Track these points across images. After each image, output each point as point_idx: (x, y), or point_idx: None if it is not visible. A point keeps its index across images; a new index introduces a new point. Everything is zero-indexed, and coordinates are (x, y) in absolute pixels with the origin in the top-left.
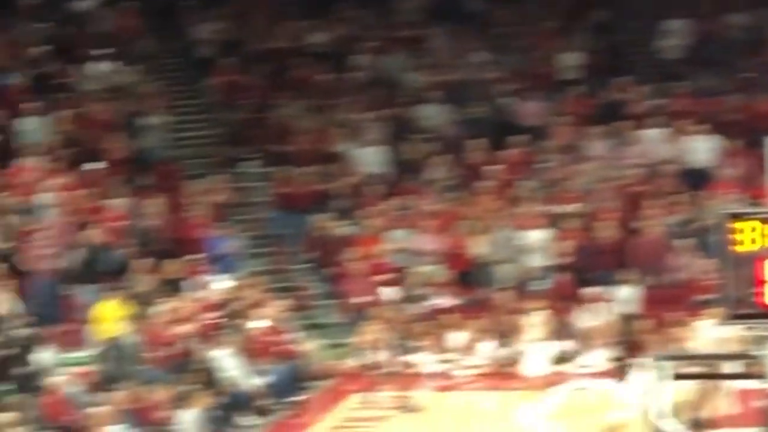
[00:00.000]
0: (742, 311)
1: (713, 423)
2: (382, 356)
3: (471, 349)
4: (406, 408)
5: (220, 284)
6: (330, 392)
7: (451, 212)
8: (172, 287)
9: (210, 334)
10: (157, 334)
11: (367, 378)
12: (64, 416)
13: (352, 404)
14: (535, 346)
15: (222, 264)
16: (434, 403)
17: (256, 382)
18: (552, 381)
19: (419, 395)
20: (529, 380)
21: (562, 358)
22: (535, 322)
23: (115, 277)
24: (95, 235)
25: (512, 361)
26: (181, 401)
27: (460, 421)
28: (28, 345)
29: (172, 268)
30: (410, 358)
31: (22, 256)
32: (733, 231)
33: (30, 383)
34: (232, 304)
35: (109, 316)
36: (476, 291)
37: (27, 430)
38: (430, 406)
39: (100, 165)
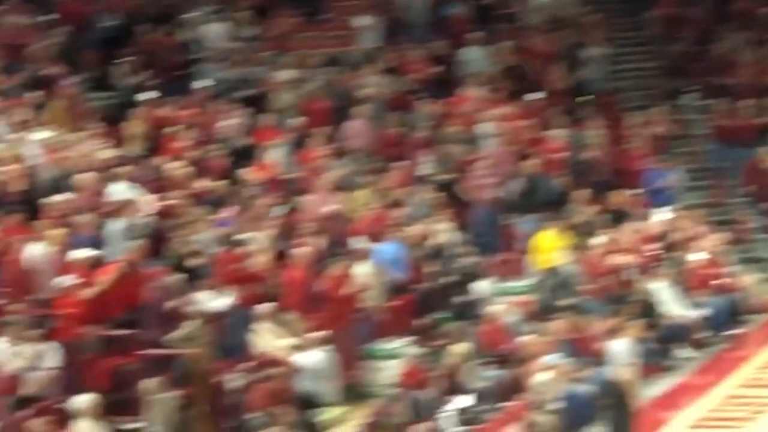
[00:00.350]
0: None
1: None
2: None
3: None
4: None
5: (659, 216)
6: (766, 326)
7: None
8: (610, 218)
9: (648, 266)
10: (596, 264)
11: None
12: (501, 345)
13: None
14: None
15: (660, 196)
16: None
17: (693, 314)
18: None
19: None
20: None
21: None
22: None
23: (553, 208)
24: (534, 165)
25: None
26: (615, 332)
27: None
28: (467, 274)
29: (611, 199)
30: None
31: (463, 185)
32: None
33: (468, 312)
34: (670, 237)
35: (548, 246)
36: None
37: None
38: None
39: (541, 95)
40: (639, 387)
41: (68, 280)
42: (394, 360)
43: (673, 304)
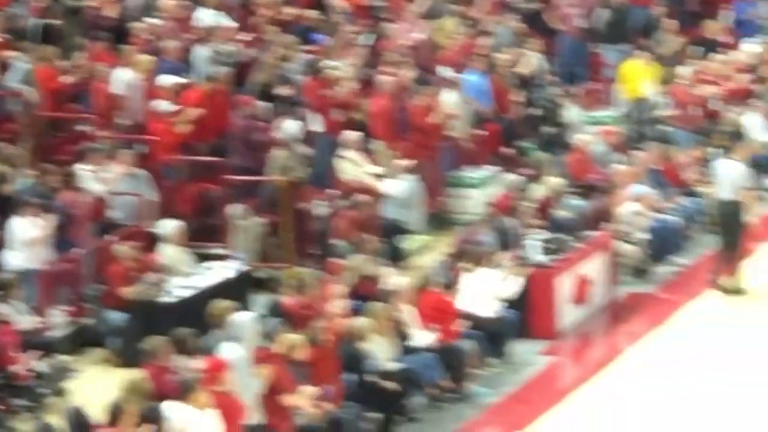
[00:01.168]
0: None
1: None
2: None
3: None
4: None
5: (749, 47)
6: None
7: None
8: (700, 49)
9: (738, 98)
10: (684, 94)
11: None
12: (588, 174)
13: None
14: None
15: (750, 27)
16: None
17: None
18: None
19: None
20: None
21: None
22: None
23: (642, 37)
24: None
25: None
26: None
27: None
28: (554, 103)
29: (700, 29)
30: None
31: (550, 14)
32: None
33: (555, 141)
34: (761, 68)
35: (636, 76)
36: None
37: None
38: None
39: None
40: (750, 207)
41: (156, 105)
42: (479, 189)
43: (763, 134)
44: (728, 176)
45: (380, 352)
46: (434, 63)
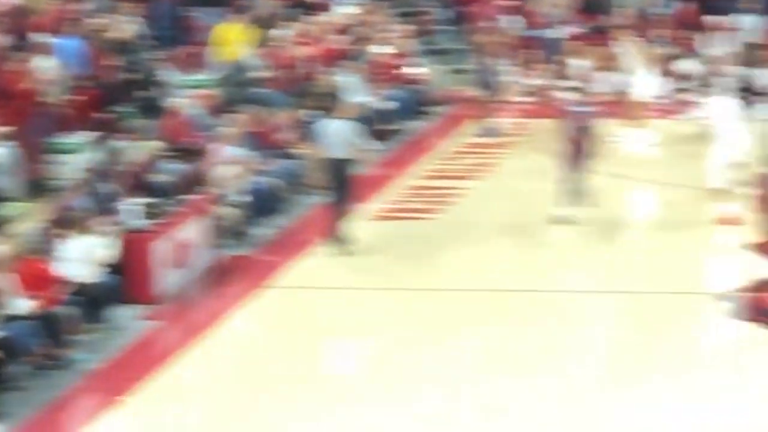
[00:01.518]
0: None
1: None
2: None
3: (592, 77)
4: (526, 135)
5: (344, 9)
6: (450, 118)
7: None
8: (295, 11)
9: (333, 59)
10: (279, 56)
11: (486, 105)
12: (184, 137)
13: (471, 130)
14: (649, 74)
15: None
16: (551, 129)
17: (378, 106)
18: (667, 110)
19: (538, 123)
20: (645, 108)
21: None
22: (650, 51)
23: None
24: None
25: (629, 89)
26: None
27: None
28: (151, 68)
29: None
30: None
31: None
32: None
33: (152, 105)
34: (355, 30)
35: (232, 39)
36: (599, 18)
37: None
38: (548, 134)
39: None
40: (359, 163)
41: None
42: (76, 154)
43: (358, 96)
44: (335, 135)
45: None
46: (28, 28)
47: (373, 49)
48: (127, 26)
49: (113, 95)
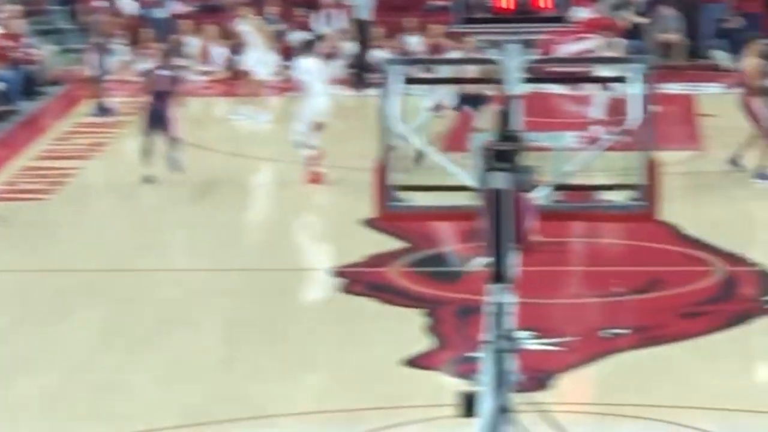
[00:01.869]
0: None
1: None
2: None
3: (204, 55)
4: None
5: None
6: (64, 98)
7: None
8: None
9: None
10: None
11: (99, 84)
12: None
13: (85, 110)
14: (262, 53)
15: None
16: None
17: None
18: (281, 87)
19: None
20: (258, 86)
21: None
22: (260, 28)
23: None
24: None
25: (243, 67)
26: None
27: (192, 126)
28: None
29: None
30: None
31: None
32: None
33: None
34: None
35: None
36: None
37: None
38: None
39: None
40: None
41: None
42: None
43: None
44: None
45: None
46: None
47: None
48: None
49: None
